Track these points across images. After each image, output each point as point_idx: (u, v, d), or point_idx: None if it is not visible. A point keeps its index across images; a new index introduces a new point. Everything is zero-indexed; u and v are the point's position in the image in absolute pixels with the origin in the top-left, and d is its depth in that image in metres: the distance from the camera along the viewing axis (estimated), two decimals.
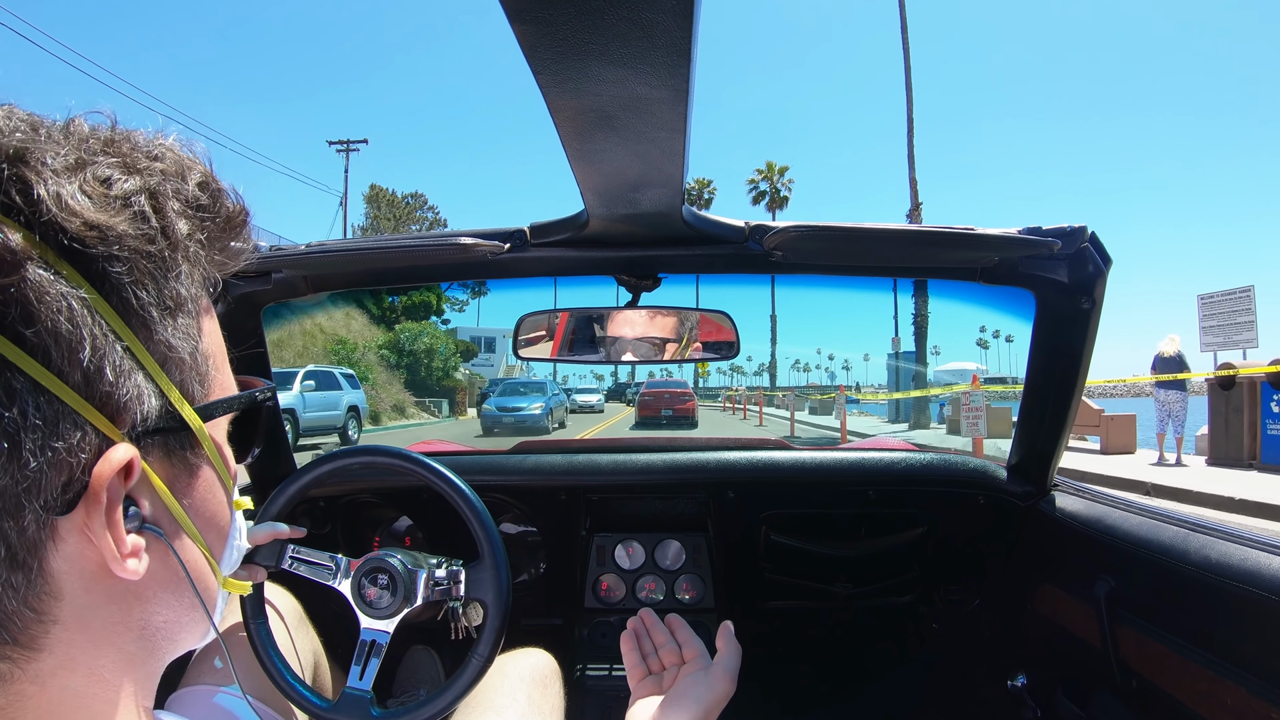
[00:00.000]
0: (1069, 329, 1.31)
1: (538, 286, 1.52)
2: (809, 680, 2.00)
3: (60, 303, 0.35)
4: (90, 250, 0.37)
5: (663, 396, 23.03)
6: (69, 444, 0.35)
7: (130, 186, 0.39)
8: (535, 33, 0.63)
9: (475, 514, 1.18)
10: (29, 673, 0.36)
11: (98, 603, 0.39)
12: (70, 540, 0.37)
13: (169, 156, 0.42)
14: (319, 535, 1.71)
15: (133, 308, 0.38)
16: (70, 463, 0.36)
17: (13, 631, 0.35)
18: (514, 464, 1.79)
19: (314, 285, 1.44)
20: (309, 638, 1.33)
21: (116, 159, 0.40)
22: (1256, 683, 0.95)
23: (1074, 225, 1.19)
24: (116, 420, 0.38)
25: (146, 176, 0.40)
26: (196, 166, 0.44)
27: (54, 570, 0.36)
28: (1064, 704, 1.36)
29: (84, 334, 0.36)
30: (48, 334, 0.34)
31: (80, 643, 0.38)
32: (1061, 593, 1.44)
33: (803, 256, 1.33)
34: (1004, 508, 1.63)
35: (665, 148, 0.87)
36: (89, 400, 0.36)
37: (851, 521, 1.82)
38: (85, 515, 0.37)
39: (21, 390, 0.34)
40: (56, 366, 0.35)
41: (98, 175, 0.38)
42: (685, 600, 1.82)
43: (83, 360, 0.36)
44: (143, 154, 0.41)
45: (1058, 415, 1.42)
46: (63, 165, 0.37)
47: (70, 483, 0.36)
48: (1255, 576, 0.97)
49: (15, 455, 0.34)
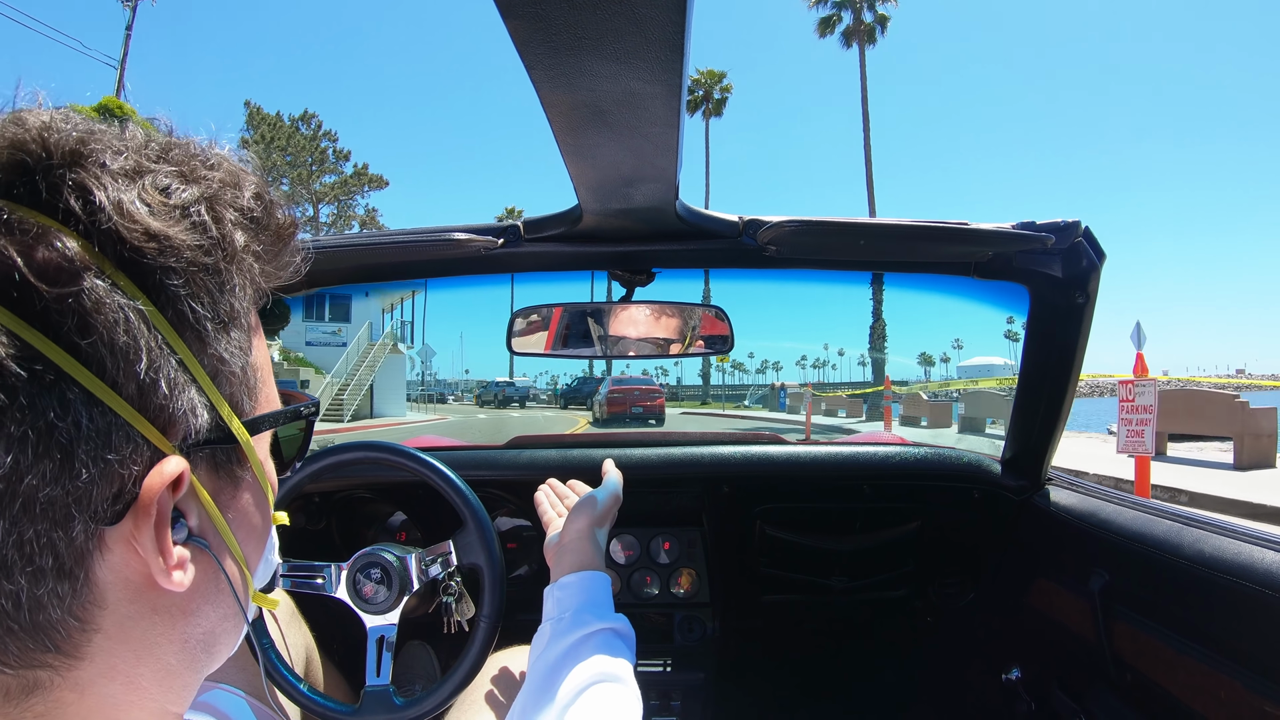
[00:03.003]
0: (1063, 323, 1.31)
1: (531, 282, 1.52)
2: (805, 673, 2.00)
3: (117, 314, 0.34)
4: (148, 261, 0.36)
5: (632, 393, 22.76)
6: (121, 456, 0.35)
7: (189, 196, 0.39)
8: (528, 28, 0.62)
9: (447, 480, 1.19)
10: (69, 680, 0.36)
11: (140, 613, 0.39)
12: (117, 551, 0.37)
13: (224, 166, 0.42)
14: (314, 531, 1.71)
15: (188, 321, 0.38)
16: (122, 474, 0.36)
17: (56, 640, 0.35)
18: (508, 459, 1.78)
19: (307, 281, 1.43)
20: (301, 633, 1.33)
21: (174, 166, 0.39)
22: (1250, 677, 0.96)
23: (1068, 220, 1.19)
24: (168, 433, 0.38)
25: (204, 185, 0.40)
26: (250, 177, 0.43)
27: (99, 580, 0.36)
28: (1059, 698, 1.37)
29: (140, 346, 0.35)
30: (104, 345, 0.34)
31: (121, 652, 0.38)
32: (1056, 587, 1.45)
33: (796, 251, 1.33)
34: (999, 502, 1.64)
35: (658, 142, 0.87)
36: (142, 413, 0.36)
37: (846, 516, 1.82)
38: (134, 526, 0.37)
39: (76, 401, 0.34)
40: (111, 378, 0.35)
41: (157, 184, 0.38)
42: (680, 595, 1.82)
43: (139, 373, 0.35)
44: (200, 162, 0.41)
45: (1052, 410, 1.42)
46: (122, 171, 0.37)
47: (120, 494, 0.36)
48: (1249, 571, 0.97)
49: (68, 466, 0.34)
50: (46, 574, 0.34)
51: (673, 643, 1.80)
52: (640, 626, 1.81)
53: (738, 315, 1.43)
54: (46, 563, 0.34)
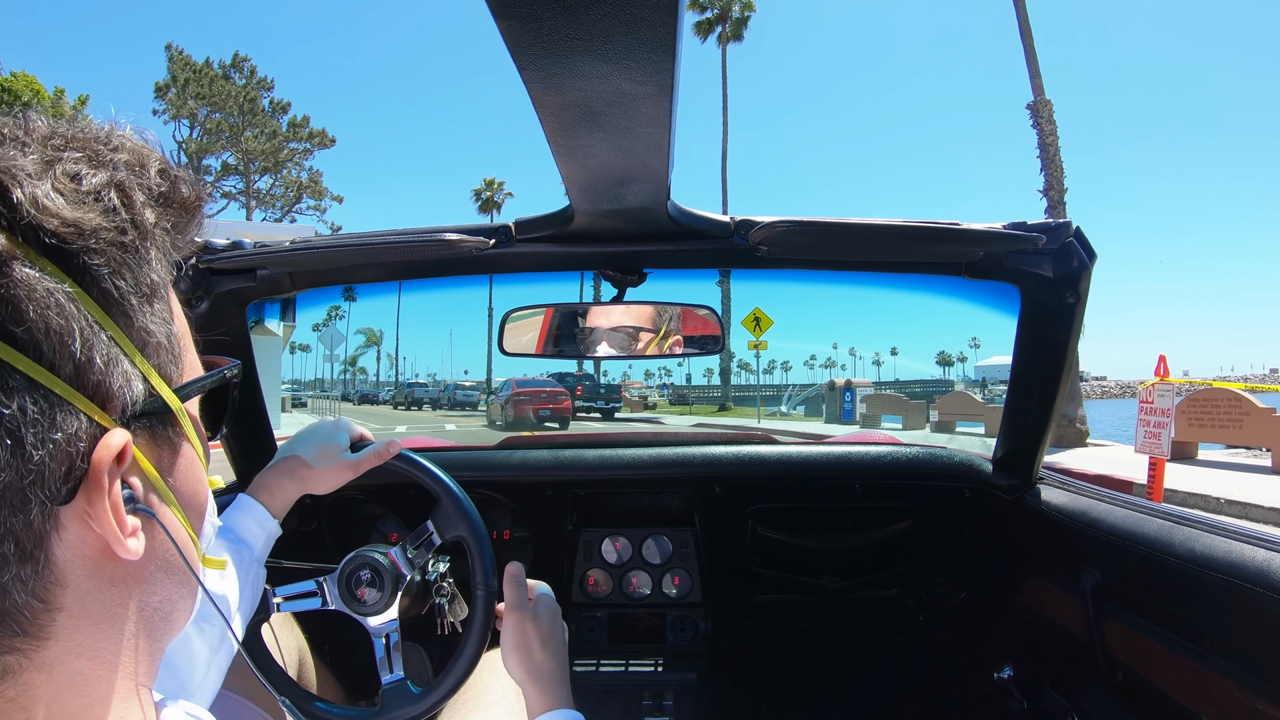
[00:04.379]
0: (1054, 323, 1.32)
1: (523, 282, 1.52)
2: (797, 673, 2.01)
3: (48, 299, 0.36)
4: (69, 246, 0.37)
5: (538, 395, 22.16)
6: (67, 434, 0.37)
7: (98, 181, 0.40)
8: (519, 29, 0.62)
9: (410, 462, 1.19)
10: (36, 661, 0.38)
11: (99, 586, 0.40)
12: (72, 528, 0.38)
13: (126, 146, 0.43)
14: (305, 532, 1.70)
15: (113, 298, 0.40)
16: (70, 452, 0.37)
17: (22, 624, 0.37)
18: (500, 460, 1.78)
19: (299, 282, 1.43)
20: (294, 636, 1.32)
21: (81, 153, 0.40)
22: (1242, 674, 0.96)
23: (1059, 220, 1.19)
24: (106, 407, 0.39)
25: (112, 170, 0.41)
26: (153, 154, 0.45)
27: (58, 559, 0.38)
28: (1051, 696, 1.37)
29: (73, 327, 0.37)
30: (38, 330, 0.35)
31: (84, 628, 0.39)
32: (1048, 585, 1.45)
33: (788, 251, 1.33)
34: (990, 501, 1.64)
35: (650, 143, 0.87)
36: (80, 390, 0.37)
37: (838, 515, 1.83)
38: (86, 501, 0.38)
39: (17, 387, 0.35)
40: (48, 360, 0.36)
41: (67, 172, 0.39)
42: (672, 595, 1.82)
43: (74, 352, 0.37)
44: (104, 145, 0.42)
45: (1043, 409, 1.43)
46: (33, 166, 0.38)
47: (71, 471, 0.37)
48: (1239, 569, 0.98)
49: (19, 450, 0.35)
50: (9, 560, 0.35)
51: (665, 643, 1.80)
52: (632, 627, 1.83)
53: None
54: (8, 549, 0.35)
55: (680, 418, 27.62)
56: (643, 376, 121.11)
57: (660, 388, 61.62)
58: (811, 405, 27.94)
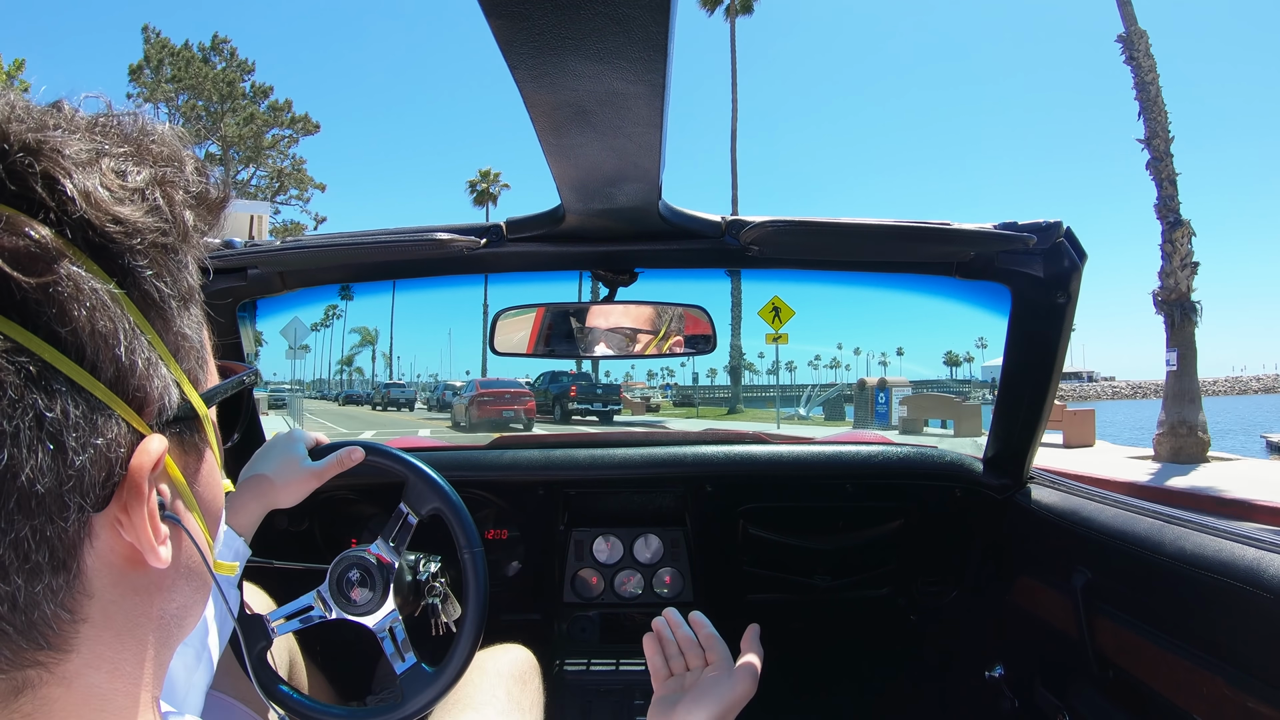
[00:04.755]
0: (1044, 323, 1.32)
1: (514, 282, 1.52)
2: (789, 673, 2.01)
3: (94, 299, 0.35)
4: (115, 245, 0.37)
5: (503, 396, 21.97)
6: (107, 439, 0.36)
7: (143, 179, 0.39)
8: (511, 28, 0.62)
9: (380, 453, 1.20)
10: (57, 675, 0.36)
11: (123, 595, 0.39)
12: (103, 536, 0.37)
13: (166, 141, 0.42)
14: (296, 532, 1.70)
15: (154, 301, 0.39)
16: (110, 458, 0.36)
17: (48, 635, 0.35)
18: (491, 459, 1.78)
19: (290, 281, 1.43)
20: (285, 637, 1.31)
21: (125, 148, 0.39)
22: (1234, 673, 0.97)
23: (1049, 220, 1.19)
24: (143, 413, 0.38)
25: (155, 166, 0.40)
26: (188, 152, 0.44)
27: (87, 568, 0.36)
28: (1042, 694, 1.38)
29: (117, 330, 0.36)
30: (84, 332, 0.34)
31: (106, 639, 0.38)
32: (1039, 584, 1.46)
33: (779, 251, 1.33)
34: (980, 500, 1.65)
35: (642, 143, 0.87)
36: (121, 395, 0.36)
37: (829, 515, 1.83)
38: (121, 509, 0.37)
39: (60, 390, 0.34)
40: (90, 363, 0.35)
41: (114, 168, 0.38)
42: (664, 594, 1.82)
43: (118, 356, 0.36)
44: (146, 140, 0.41)
45: (1034, 408, 1.43)
46: (82, 158, 0.37)
47: (109, 478, 0.36)
48: (1230, 568, 0.98)
49: (60, 454, 0.34)
50: (43, 569, 0.34)
51: None
52: (623, 626, 1.83)
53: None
54: (43, 557, 0.34)
55: (686, 422, 25.47)
56: (645, 377, 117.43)
57: (663, 388, 55.26)
58: (832, 407, 25.07)
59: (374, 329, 70.38)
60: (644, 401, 35.78)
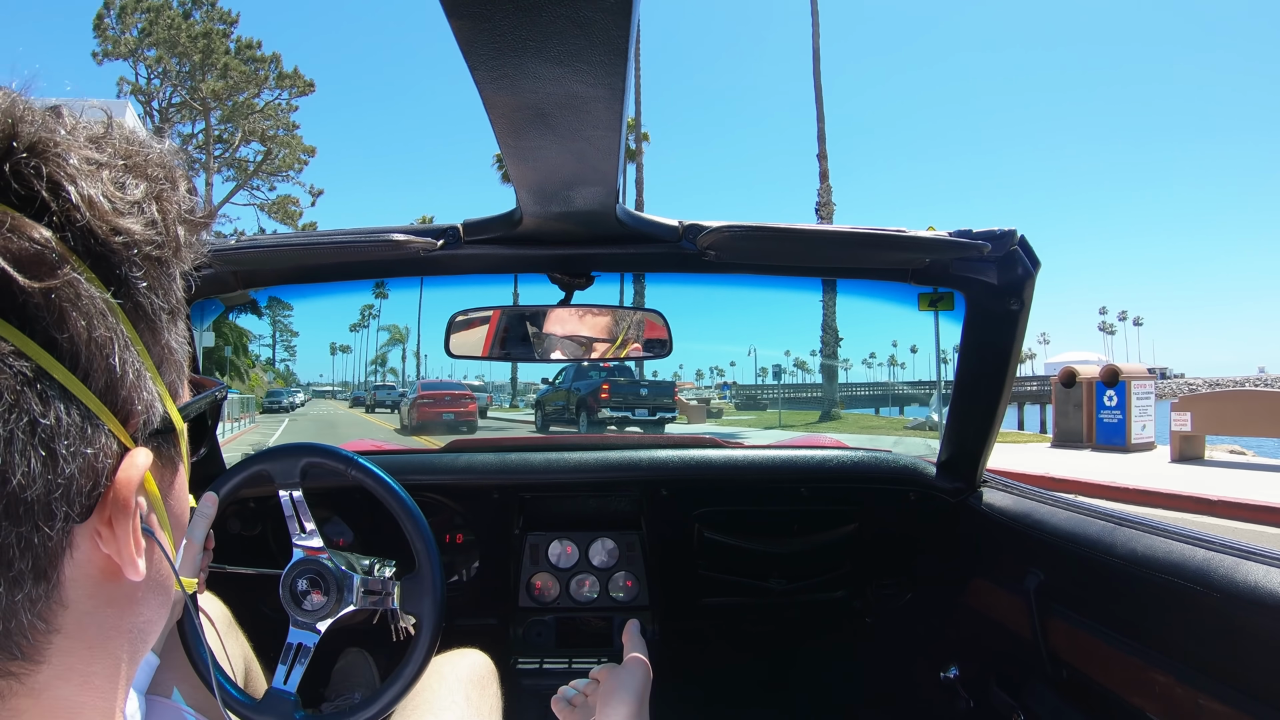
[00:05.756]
0: (998, 329, 1.34)
1: (473, 284, 1.50)
2: (746, 675, 2.03)
3: (92, 306, 0.35)
4: (114, 255, 0.37)
5: (443, 399, 21.42)
6: (96, 449, 0.36)
7: (140, 192, 0.39)
8: (472, 29, 0.62)
9: (417, 528, 1.19)
10: (27, 685, 0.36)
11: (97, 607, 0.39)
12: (83, 547, 0.37)
13: (159, 157, 0.42)
14: (249, 537, 1.66)
15: (145, 313, 0.39)
16: (97, 468, 0.36)
17: (23, 646, 0.35)
18: (446, 463, 1.76)
19: (244, 281, 1.41)
20: (239, 643, 1.31)
21: (123, 162, 0.39)
22: (1184, 670, 0.99)
23: (1004, 229, 1.21)
24: (128, 424, 0.38)
25: (150, 181, 0.40)
26: (180, 170, 0.44)
27: (66, 579, 0.36)
28: (997, 694, 1.40)
29: (111, 340, 0.36)
30: (80, 339, 0.34)
31: (78, 650, 0.38)
32: (992, 586, 1.49)
33: (736, 256, 1.34)
34: (934, 503, 1.68)
35: (600, 146, 0.87)
36: (109, 406, 0.37)
37: (784, 518, 1.85)
38: (102, 521, 0.37)
39: (54, 397, 0.34)
40: (83, 371, 0.35)
41: (114, 179, 0.38)
42: (619, 598, 1.82)
43: (111, 366, 0.36)
44: (141, 155, 0.41)
45: (987, 413, 1.46)
46: (85, 166, 0.37)
47: (94, 489, 0.36)
48: (1180, 568, 1.01)
49: (52, 462, 0.34)
50: (24, 578, 0.34)
51: (612, 646, 1.80)
52: (579, 630, 1.82)
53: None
54: (25, 565, 0.34)
55: (768, 433, 18.63)
56: (693, 376, 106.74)
57: (720, 387, 43.62)
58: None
59: (404, 327, 68.70)
60: (703, 405, 28.10)
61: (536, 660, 1.77)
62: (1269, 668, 0.88)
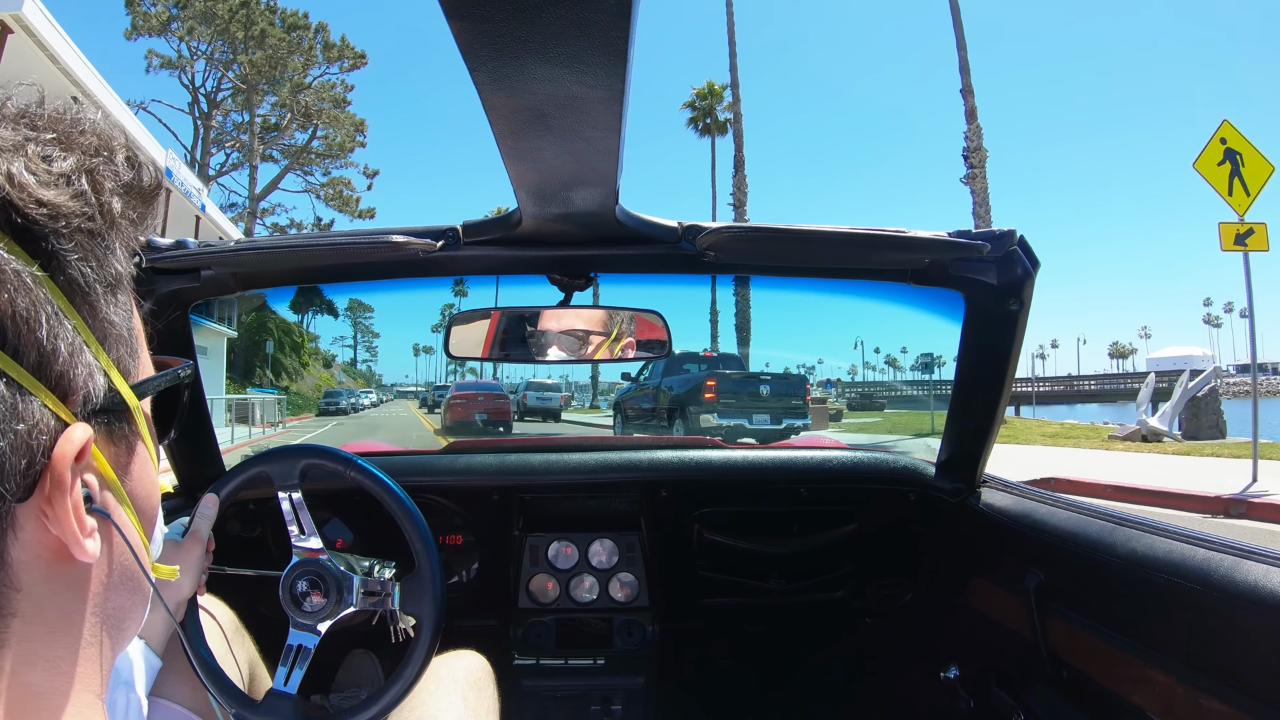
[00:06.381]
0: (997, 330, 1.34)
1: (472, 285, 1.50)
2: (746, 676, 2.03)
3: (15, 281, 0.34)
4: (39, 228, 0.36)
5: (475, 399, 21.31)
6: (29, 426, 0.35)
7: (69, 165, 0.39)
8: (472, 30, 0.61)
9: (417, 529, 1.18)
10: None
11: (55, 591, 0.38)
12: (28, 527, 0.36)
13: (94, 130, 0.42)
14: (248, 538, 1.66)
15: (79, 286, 0.38)
16: (31, 445, 0.35)
17: None
18: (445, 464, 1.76)
19: (243, 282, 1.41)
20: (245, 648, 1.31)
21: (52, 134, 0.39)
22: (1184, 670, 0.99)
23: (1003, 229, 1.21)
24: (67, 400, 0.38)
25: (81, 154, 0.40)
26: (119, 140, 0.44)
27: (13, 560, 0.36)
28: (997, 695, 1.40)
29: (39, 313, 0.35)
30: (4, 314, 0.34)
31: (39, 635, 0.38)
32: (992, 586, 1.48)
33: (736, 257, 1.34)
34: (933, 504, 1.68)
35: (600, 147, 0.87)
36: (43, 381, 0.36)
37: (784, 519, 1.85)
38: (45, 499, 0.36)
39: None
40: (12, 346, 0.35)
41: (40, 152, 0.38)
42: (619, 599, 1.82)
43: (40, 340, 0.36)
44: (73, 129, 0.41)
45: (986, 414, 1.45)
46: (8, 144, 0.37)
47: (30, 466, 0.36)
48: (1180, 568, 1.01)
49: None
50: None
51: (612, 647, 1.80)
52: (579, 631, 1.82)
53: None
54: None
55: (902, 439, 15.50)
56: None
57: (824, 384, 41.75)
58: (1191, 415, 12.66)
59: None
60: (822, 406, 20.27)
61: (533, 658, 1.77)
62: (1269, 667, 0.88)
